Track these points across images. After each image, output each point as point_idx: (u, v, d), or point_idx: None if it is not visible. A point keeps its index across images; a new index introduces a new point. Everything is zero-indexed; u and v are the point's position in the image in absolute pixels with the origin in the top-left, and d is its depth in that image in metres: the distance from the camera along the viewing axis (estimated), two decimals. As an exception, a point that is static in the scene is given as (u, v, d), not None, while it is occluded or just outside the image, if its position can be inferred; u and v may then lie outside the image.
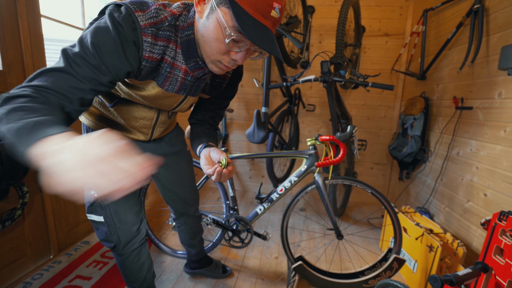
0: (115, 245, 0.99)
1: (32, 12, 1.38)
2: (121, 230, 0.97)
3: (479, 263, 0.98)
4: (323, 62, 1.61)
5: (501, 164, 1.30)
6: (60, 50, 0.59)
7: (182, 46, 0.71)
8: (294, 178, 1.34)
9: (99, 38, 0.59)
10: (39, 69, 0.57)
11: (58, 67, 0.57)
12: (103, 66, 0.60)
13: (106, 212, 0.94)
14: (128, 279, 1.11)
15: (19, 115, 0.46)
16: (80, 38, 0.60)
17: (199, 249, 1.44)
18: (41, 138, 0.43)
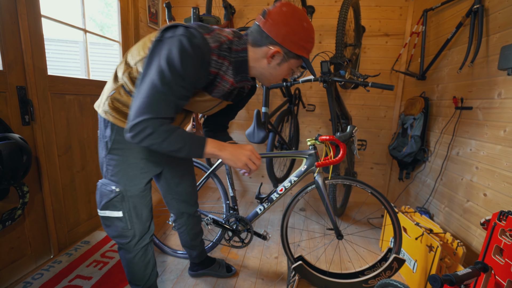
0: (129, 241, 1.02)
1: (32, 12, 1.38)
2: (137, 225, 1.01)
3: (479, 263, 0.99)
4: (323, 62, 1.62)
5: (501, 164, 1.30)
6: (158, 78, 0.75)
7: (234, 64, 0.89)
8: (294, 178, 1.34)
9: (185, 66, 0.76)
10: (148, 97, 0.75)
11: (159, 97, 0.76)
12: (190, 85, 0.81)
13: (125, 207, 0.98)
14: (134, 277, 1.11)
15: (178, 134, 0.79)
16: (170, 65, 0.75)
17: (200, 250, 1.44)
18: (205, 143, 0.84)
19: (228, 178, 1.48)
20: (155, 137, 0.76)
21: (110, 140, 0.94)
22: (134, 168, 0.98)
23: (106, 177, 0.98)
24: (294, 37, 0.82)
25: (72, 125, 1.67)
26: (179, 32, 0.77)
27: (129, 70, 0.90)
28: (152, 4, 2.39)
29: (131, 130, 0.76)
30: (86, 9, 1.79)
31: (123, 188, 0.96)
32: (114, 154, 0.95)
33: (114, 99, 0.92)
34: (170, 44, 0.76)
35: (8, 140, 1.13)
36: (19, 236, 1.39)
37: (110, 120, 0.93)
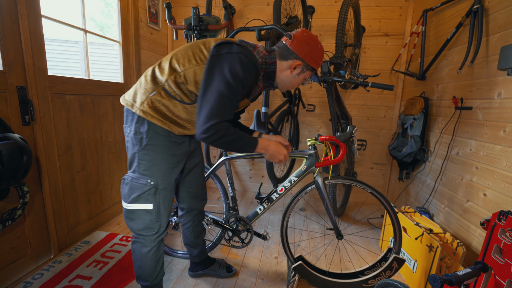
0: (155, 233, 1.09)
1: (32, 12, 1.38)
2: (164, 217, 1.10)
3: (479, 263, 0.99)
4: (323, 62, 1.62)
5: (500, 164, 1.31)
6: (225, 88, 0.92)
7: (265, 74, 1.09)
8: (294, 178, 1.34)
9: (246, 78, 0.96)
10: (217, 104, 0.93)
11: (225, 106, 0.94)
12: (242, 96, 1.00)
13: (156, 200, 1.06)
14: (144, 273, 1.14)
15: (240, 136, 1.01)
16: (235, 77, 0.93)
17: (201, 249, 1.45)
18: (257, 143, 1.07)
19: (228, 178, 1.48)
20: (226, 138, 0.96)
21: (147, 136, 1.01)
22: (166, 163, 1.06)
23: (137, 171, 1.04)
24: (313, 54, 1.06)
25: (72, 125, 1.67)
26: (236, 49, 0.96)
27: (175, 75, 0.99)
28: (152, 4, 2.40)
29: (205, 132, 0.93)
30: (86, 9, 1.80)
31: (156, 182, 1.04)
32: (149, 150, 1.02)
33: (155, 100, 1.00)
34: (231, 59, 0.94)
35: (8, 140, 1.13)
36: (19, 236, 1.39)
37: (148, 119, 1.00)
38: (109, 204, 2.07)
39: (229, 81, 0.92)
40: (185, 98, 1.01)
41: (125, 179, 1.05)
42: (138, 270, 1.15)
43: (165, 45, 2.70)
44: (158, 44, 2.55)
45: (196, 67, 0.97)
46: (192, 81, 0.98)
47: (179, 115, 1.03)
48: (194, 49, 1.00)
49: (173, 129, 1.05)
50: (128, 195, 1.04)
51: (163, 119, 1.01)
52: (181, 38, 2.73)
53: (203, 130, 0.92)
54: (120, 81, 2.12)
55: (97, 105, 1.86)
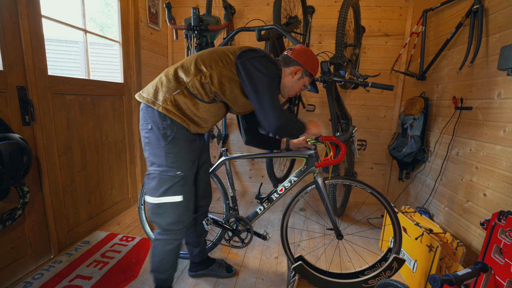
0: (183, 226, 1.13)
1: (32, 12, 1.38)
2: (191, 211, 1.15)
3: (479, 263, 0.99)
4: (323, 62, 1.62)
5: (500, 164, 1.31)
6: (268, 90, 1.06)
7: None
8: (294, 178, 1.34)
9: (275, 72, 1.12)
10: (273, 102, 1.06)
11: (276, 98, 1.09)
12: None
13: (185, 191, 1.10)
14: (165, 266, 1.18)
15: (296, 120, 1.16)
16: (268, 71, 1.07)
17: (202, 249, 1.45)
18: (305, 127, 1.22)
19: (228, 178, 1.48)
20: (292, 121, 1.11)
21: (172, 131, 1.07)
22: (190, 156, 1.13)
23: (165, 164, 1.07)
24: (310, 62, 1.19)
25: (72, 125, 1.67)
26: (261, 53, 1.11)
27: (201, 75, 1.06)
28: (152, 4, 2.40)
29: (279, 119, 1.05)
30: (86, 9, 1.80)
31: (185, 173, 1.10)
32: (175, 144, 1.08)
33: (178, 98, 1.06)
34: (261, 60, 1.08)
35: (8, 140, 1.13)
36: (20, 236, 1.39)
37: (169, 116, 1.05)
38: (109, 204, 2.07)
39: (269, 75, 1.06)
40: (205, 97, 1.09)
41: (151, 173, 1.08)
42: (157, 264, 1.17)
43: (165, 45, 2.70)
44: (158, 44, 2.55)
45: (223, 68, 1.06)
46: (217, 81, 1.06)
47: (197, 114, 1.10)
48: (219, 53, 1.10)
49: (190, 126, 1.11)
50: (157, 189, 1.07)
51: (183, 117, 1.08)
52: (181, 38, 2.73)
53: (276, 120, 1.05)
54: (120, 81, 2.12)
55: (97, 105, 1.86)
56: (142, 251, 1.69)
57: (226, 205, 1.53)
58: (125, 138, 2.19)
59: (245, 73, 1.05)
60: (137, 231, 1.93)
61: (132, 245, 1.74)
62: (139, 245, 1.74)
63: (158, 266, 1.17)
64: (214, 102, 1.12)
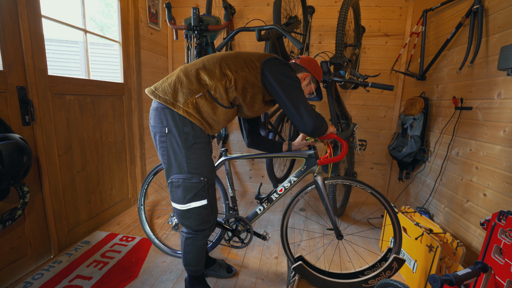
0: (211, 225, 1.18)
1: (32, 12, 1.38)
2: (215, 210, 1.19)
3: (479, 263, 0.99)
4: (323, 63, 1.62)
5: (500, 164, 1.31)
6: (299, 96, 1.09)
7: None
8: (294, 178, 1.34)
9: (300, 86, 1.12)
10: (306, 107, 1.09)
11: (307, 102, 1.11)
12: None
13: (209, 195, 1.13)
14: (197, 260, 1.24)
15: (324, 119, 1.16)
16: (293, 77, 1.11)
17: None
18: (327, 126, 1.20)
19: (228, 178, 1.48)
20: (323, 126, 1.14)
21: (193, 136, 1.06)
22: (210, 159, 1.14)
23: (186, 171, 1.08)
24: (317, 70, 1.28)
25: (72, 125, 1.67)
26: (282, 61, 1.14)
27: (226, 79, 1.05)
28: (152, 4, 2.40)
29: (315, 123, 1.09)
30: (86, 10, 1.80)
31: (208, 178, 1.12)
32: (195, 149, 1.08)
33: (199, 101, 1.05)
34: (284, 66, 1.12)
35: (8, 140, 1.13)
36: (20, 236, 1.39)
37: (190, 119, 1.04)
38: (109, 204, 2.07)
39: (297, 80, 1.11)
40: (225, 102, 1.09)
41: (175, 181, 1.09)
42: (190, 259, 1.23)
43: (165, 45, 2.70)
44: (158, 44, 2.55)
45: (248, 74, 1.08)
46: (241, 87, 1.07)
47: (213, 117, 1.10)
48: (245, 59, 1.11)
49: (206, 129, 1.12)
50: (184, 196, 1.09)
51: (201, 119, 1.07)
52: (181, 38, 2.73)
53: (313, 120, 1.08)
54: (120, 81, 2.12)
55: (97, 105, 1.87)
56: (142, 251, 1.69)
57: (226, 205, 1.53)
58: (125, 138, 2.19)
59: (276, 80, 1.08)
60: (137, 231, 1.93)
61: (132, 245, 1.74)
62: (139, 245, 1.74)
63: (192, 261, 1.23)
64: (232, 108, 1.13)
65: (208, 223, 1.16)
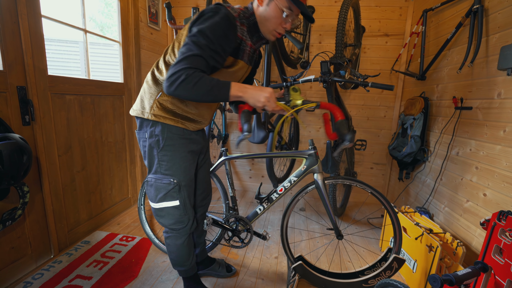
0: (185, 225, 1.15)
1: (32, 12, 1.38)
2: (190, 210, 1.16)
3: (479, 263, 0.99)
4: (323, 62, 1.62)
5: (500, 164, 1.31)
6: (191, 41, 0.89)
7: (249, 28, 1.04)
8: (294, 178, 1.34)
9: (215, 31, 0.90)
10: (184, 54, 0.88)
11: (196, 53, 0.88)
12: (220, 48, 0.92)
13: (181, 196, 1.11)
14: (182, 259, 1.23)
15: (206, 78, 0.89)
16: (202, 31, 0.89)
17: (202, 249, 1.45)
18: (230, 86, 0.92)
19: (228, 178, 1.48)
20: (187, 81, 0.87)
21: (163, 138, 1.05)
22: (185, 160, 1.10)
23: (159, 172, 1.08)
24: None
25: (72, 125, 1.67)
26: (206, 11, 0.95)
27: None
28: (152, 4, 2.40)
29: (168, 79, 0.88)
30: (86, 9, 1.80)
31: (179, 179, 1.09)
32: (167, 150, 1.06)
33: (162, 100, 1.04)
34: (203, 20, 0.93)
35: (8, 140, 1.13)
36: (20, 236, 1.39)
37: (160, 121, 1.03)
38: (109, 204, 2.07)
39: (198, 33, 0.90)
40: None
41: (149, 181, 1.11)
42: (174, 259, 1.23)
43: (165, 45, 2.70)
44: (158, 44, 2.55)
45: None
46: None
47: (188, 110, 1.06)
48: (178, 37, 1.02)
49: (187, 125, 1.08)
50: (155, 196, 1.10)
51: (174, 118, 1.05)
52: (181, 38, 2.73)
53: (166, 79, 0.88)
54: (120, 81, 2.12)
55: (97, 105, 1.86)
56: (142, 251, 1.69)
57: (226, 205, 1.53)
58: (125, 138, 2.19)
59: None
60: (137, 231, 1.93)
61: (132, 245, 1.74)
62: (139, 245, 1.74)
63: (176, 260, 1.23)
64: None
65: (182, 223, 1.14)
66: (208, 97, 0.90)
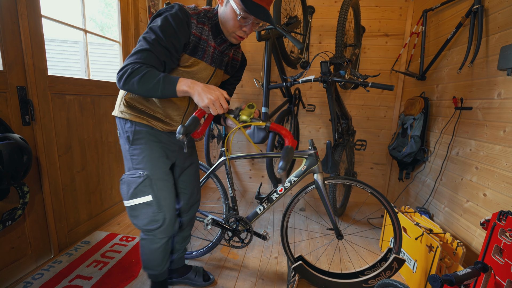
0: (161, 225, 1.08)
1: (32, 12, 1.38)
2: (166, 208, 1.08)
3: (479, 263, 0.99)
4: (323, 63, 1.62)
5: (500, 164, 1.31)
6: (141, 37, 0.92)
7: (211, 28, 1.02)
8: (294, 178, 1.34)
9: (164, 28, 0.91)
10: (134, 50, 0.91)
11: (146, 48, 0.90)
12: (170, 43, 0.92)
13: (154, 190, 1.05)
14: (154, 263, 1.17)
15: (153, 72, 0.88)
16: (153, 28, 0.91)
17: (179, 256, 1.39)
18: (177, 81, 0.89)
19: (228, 178, 1.48)
20: (133, 75, 0.87)
21: (131, 133, 1.05)
22: (156, 152, 1.08)
23: (132, 167, 1.07)
24: None
25: (72, 125, 1.67)
26: (162, 10, 0.95)
27: None
28: (152, 4, 2.40)
29: (118, 74, 0.90)
30: (86, 10, 1.80)
31: (149, 172, 1.05)
32: (137, 144, 1.06)
33: (128, 98, 1.05)
34: (157, 18, 0.95)
35: (8, 140, 1.13)
36: (19, 236, 1.39)
37: (127, 118, 1.05)
38: (109, 204, 2.07)
39: (150, 30, 0.92)
40: None
41: (122, 179, 1.08)
42: (146, 262, 1.17)
43: (165, 45, 2.70)
44: (158, 44, 2.55)
45: None
46: None
47: (153, 109, 1.06)
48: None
49: (154, 124, 1.07)
50: (127, 192, 1.05)
51: (141, 115, 1.05)
52: (181, 38, 2.73)
53: (116, 74, 0.90)
54: (120, 81, 2.12)
55: (97, 105, 1.86)
56: (142, 251, 1.69)
57: (226, 205, 1.53)
58: (125, 138, 2.19)
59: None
60: (137, 231, 1.93)
61: (132, 245, 1.74)
62: (139, 245, 1.74)
63: (148, 264, 1.18)
64: None
65: (156, 223, 1.06)
66: (155, 91, 0.89)
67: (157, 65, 0.93)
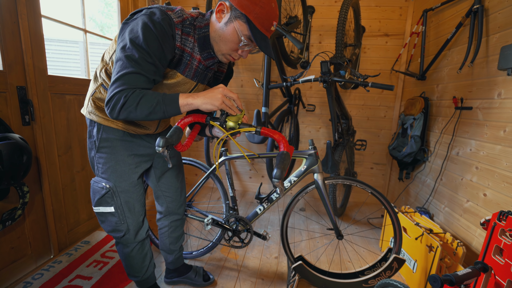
0: (124, 234, 1.06)
1: (32, 12, 1.38)
2: (130, 219, 1.06)
3: (479, 263, 0.99)
4: (323, 62, 1.62)
5: (500, 164, 1.30)
6: (124, 56, 0.79)
7: (198, 41, 0.90)
8: (294, 178, 1.34)
9: (149, 42, 0.78)
10: (119, 73, 0.79)
11: (132, 71, 0.79)
12: (157, 61, 0.82)
13: (116, 203, 1.01)
14: (132, 269, 1.16)
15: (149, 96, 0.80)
16: (135, 43, 0.78)
17: (177, 256, 1.38)
18: (178, 97, 0.82)
19: (228, 178, 1.48)
20: (129, 104, 0.79)
21: (98, 139, 0.98)
22: (123, 164, 1.01)
23: (98, 175, 1.03)
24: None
25: (72, 125, 1.67)
26: (142, 12, 0.83)
27: (106, 66, 0.94)
28: (152, 4, 2.39)
29: (107, 104, 0.80)
30: (86, 9, 1.80)
31: (113, 185, 1.00)
32: (102, 152, 1.00)
33: (96, 98, 0.97)
34: (133, 24, 0.81)
35: (8, 140, 1.13)
36: (19, 236, 1.39)
37: (95, 120, 0.97)
38: (109, 204, 2.07)
39: (128, 45, 0.78)
40: None
41: (91, 183, 1.04)
42: (126, 268, 1.17)
43: (165, 45, 2.70)
44: (158, 44, 2.55)
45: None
46: None
47: None
48: (118, 32, 0.87)
49: (126, 127, 0.99)
50: (93, 199, 1.03)
51: (108, 118, 0.96)
52: (181, 38, 2.73)
53: (105, 104, 0.81)
54: (120, 81, 2.11)
55: (97, 105, 1.86)
56: (142, 251, 1.69)
57: (226, 205, 1.53)
58: (125, 138, 2.19)
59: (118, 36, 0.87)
60: (137, 231, 1.92)
61: (132, 245, 1.74)
62: (139, 245, 1.74)
63: (129, 270, 1.17)
64: None
65: (119, 232, 1.05)
66: (156, 114, 0.81)
67: (148, 85, 0.83)
